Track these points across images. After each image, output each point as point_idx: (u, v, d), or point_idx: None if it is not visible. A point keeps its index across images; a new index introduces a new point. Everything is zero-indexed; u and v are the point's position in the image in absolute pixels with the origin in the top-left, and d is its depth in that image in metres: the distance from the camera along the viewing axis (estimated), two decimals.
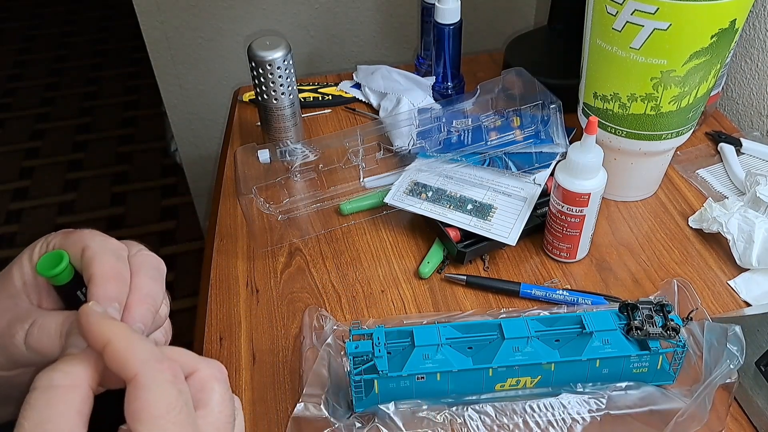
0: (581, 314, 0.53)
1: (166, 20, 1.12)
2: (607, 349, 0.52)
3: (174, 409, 0.30)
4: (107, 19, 3.03)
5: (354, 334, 0.52)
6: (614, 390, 0.52)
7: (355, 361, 0.50)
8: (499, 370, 0.51)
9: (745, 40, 0.83)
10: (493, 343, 0.52)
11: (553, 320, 0.54)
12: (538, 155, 0.71)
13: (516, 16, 1.24)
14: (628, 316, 0.53)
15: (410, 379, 0.51)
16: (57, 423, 0.29)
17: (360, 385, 0.50)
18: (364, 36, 1.21)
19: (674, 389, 0.53)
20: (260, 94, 0.76)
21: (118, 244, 0.39)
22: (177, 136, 1.29)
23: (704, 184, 0.76)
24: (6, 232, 1.97)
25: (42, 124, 2.40)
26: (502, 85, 0.75)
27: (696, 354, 0.55)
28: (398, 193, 0.71)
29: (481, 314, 0.61)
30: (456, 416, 0.51)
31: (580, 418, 0.51)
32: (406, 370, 0.50)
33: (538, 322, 0.54)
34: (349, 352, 0.50)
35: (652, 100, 0.63)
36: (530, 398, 0.52)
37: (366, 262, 0.69)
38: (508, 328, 0.52)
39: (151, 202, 2.05)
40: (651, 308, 0.53)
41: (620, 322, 0.53)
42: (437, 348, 0.51)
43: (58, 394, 0.29)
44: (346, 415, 0.52)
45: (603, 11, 0.62)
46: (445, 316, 0.61)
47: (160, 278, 0.40)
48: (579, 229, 0.64)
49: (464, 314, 0.62)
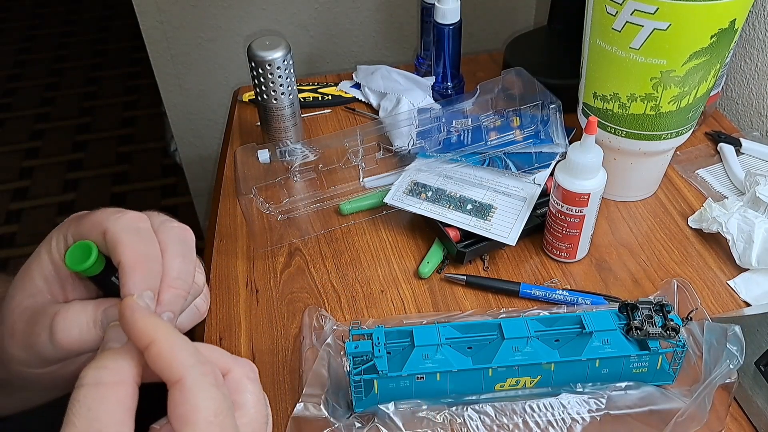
0: (581, 314, 0.53)
1: (166, 20, 1.12)
2: (607, 349, 0.52)
3: (221, 412, 0.30)
4: (107, 19, 3.03)
5: (354, 334, 0.52)
6: (614, 390, 0.52)
7: (355, 361, 0.50)
8: (499, 370, 0.51)
9: (744, 40, 0.83)
10: (492, 343, 0.52)
11: (553, 320, 0.54)
12: (538, 155, 0.71)
13: (516, 16, 1.24)
14: (627, 316, 0.53)
15: (410, 379, 0.51)
16: (107, 420, 0.29)
17: (360, 385, 0.50)
18: (363, 36, 1.21)
19: (674, 389, 0.53)
20: (260, 94, 0.76)
21: (136, 217, 0.38)
22: (177, 136, 1.29)
23: (704, 184, 0.76)
24: (6, 232, 1.97)
25: (42, 124, 2.40)
26: (501, 85, 0.75)
27: (696, 354, 0.55)
28: (398, 193, 0.71)
29: (481, 314, 0.61)
30: (456, 416, 0.51)
31: (579, 418, 0.51)
32: (405, 370, 0.50)
33: (538, 322, 0.54)
34: (348, 352, 0.50)
35: (652, 100, 0.63)
36: (530, 398, 0.52)
37: (366, 262, 0.69)
38: (508, 328, 0.52)
39: (150, 202, 2.05)
40: (651, 308, 0.53)
41: (620, 322, 0.53)
42: (437, 348, 0.51)
43: (107, 392, 0.30)
44: (345, 415, 0.52)
45: (603, 11, 0.62)
46: (444, 316, 0.61)
47: (190, 252, 0.39)
48: (579, 229, 0.64)
49: (464, 314, 0.62)
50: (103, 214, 0.37)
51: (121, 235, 0.36)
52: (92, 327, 0.37)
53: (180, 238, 0.38)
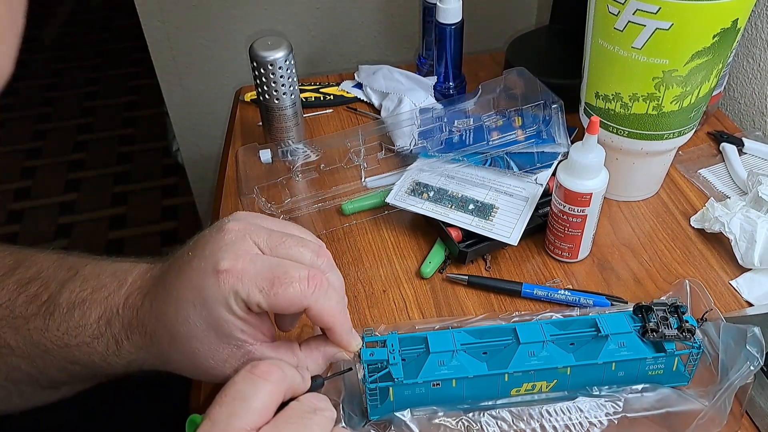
0: (596, 317, 0.53)
1: (168, 20, 1.12)
2: (623, 351, 0.51)
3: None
4: (108, 20, 3.03)
5: (367, 341, 0.51)
6: (630, 393, 0.52)
7: (370, 369, 0.50)
8: (515, 375, 0.50)
9: (747, 40, 0.83)
10: (508, 348, 0.52)
11: (568, 323, 0.54)
12: (540, 155, 0.71)
13: (517, 16, 1.24)
14: (642, 318, 0.53)
15: (425, 385, 0.50)
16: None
17: (375, 393, 0.50)
18: (365, 36, 1.21)
19: (689, 390, 0.53)
20: (262, 94, 0.76)
21: (325, 287, 0.44)
22: (178, 136, 1.29)
23: (706, 183, 0.76)
24: (8, 232, 1.97)
25: (43, 124, 2.40)
26: (503, 84, 0.75)
27: (711, 355, 0.54)
28: (400, 193, 0.71)
29: (494, 318, 0.61)
30: (472, 422, 0.50)
31: (597, 421, 0.50)
32: (421, 377, 0.50)
33: (553, 325, 0.53)
34: (363, 359, 0.49)
35: (654, 100, 0.63)
36: (546, 402, 0.52)
37: (367, 262, 0.69)
38: (523, 333, 0.52)
39: (152, 202, 2.05)
40: (665, 310, 0.52)
41: (635, 325, 0.53)
42: (452, 354, 0.51)
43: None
44: (361, 423, 0.51)
45: (605, 11, 0.62)
46: (457, 321, 0.60)
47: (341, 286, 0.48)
48: (581, 229, 0.64)
49: (476, 319, 0.61)
50: (299, 291, 0.42)
51: (324, 308, 0.44)
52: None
53: (342, 283, 0.48)
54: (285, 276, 0.41)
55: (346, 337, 0.46)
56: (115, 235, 1.94)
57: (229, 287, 0.41)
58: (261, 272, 0.41)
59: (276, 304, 0.41)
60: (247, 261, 0.42)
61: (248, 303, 0.41)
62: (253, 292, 0.41)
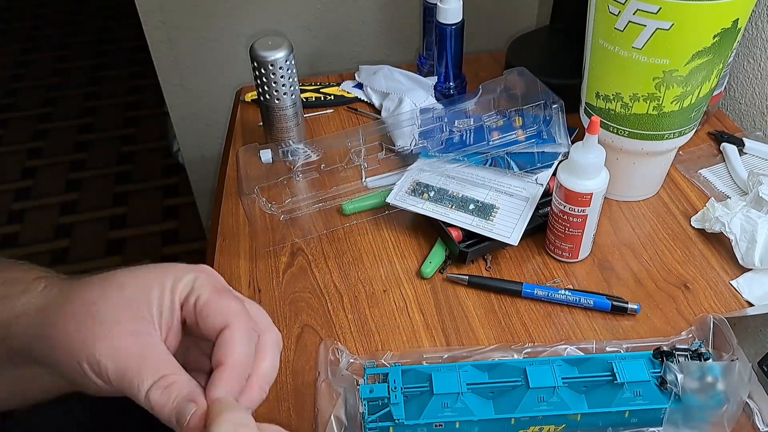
0: (612, 360, 0.51)
1: (169, 20, 1.12)
2: (639, 401, 0.49)
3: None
4: (109, 19, 3.03)
5: (368, 374, 0.50)
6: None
7: (370, 407, 0.48)
8: (522, 420, 0.49)
9: (747, 40, 0.83)
10: (516, 390, 0.49)
11: (582, 361, 0.52)
12: (540, 155, 0.71)
13: (518, 16, 1.24)
14: (662, 362, 0.50)
15: (428, 426, 0.48)
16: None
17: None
18: (366, 36, 1.21)
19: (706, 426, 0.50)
20: (262, 94, 0.76)
21: (253, 326, 0.39)
22: (179, 136, 1.29)
23: (706, 183, 0.76)
24: (8, 232, 1.97)
25: (44, 124, 2.40)
26: (504, 84, 0.75)
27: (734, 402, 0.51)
28: (400, 193, 0.71)
29: (505, 349, 0.58)
30: None
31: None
32: (423, 418, 0.48)
33: (566, 364, 0.51)
34: (363, 396, 0.48)
35: (655, 100, 0.63)
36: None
37: (368, 261, 0.69)
38: (534, 376, 0.49)
39: (153, 202, 2.05)
40: (688, 356, 0.50)
41: (653, 370, 0.50)
42: (457, 396, 0.49)
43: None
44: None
45: (605, 11, 0.62)
46: (467, 351, 0.59)
47: (279, 354, 0.41)
48: (581, 229, 0.64)
49: (485, 350, 0.58)
50: (236, 310, 0.38)
51: (237, 339, 0.37)
52: (179, 401, 0.37)
53: (278, 346, 0.41)
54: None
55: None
56: (116, 235, 1.94)
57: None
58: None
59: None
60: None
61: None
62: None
